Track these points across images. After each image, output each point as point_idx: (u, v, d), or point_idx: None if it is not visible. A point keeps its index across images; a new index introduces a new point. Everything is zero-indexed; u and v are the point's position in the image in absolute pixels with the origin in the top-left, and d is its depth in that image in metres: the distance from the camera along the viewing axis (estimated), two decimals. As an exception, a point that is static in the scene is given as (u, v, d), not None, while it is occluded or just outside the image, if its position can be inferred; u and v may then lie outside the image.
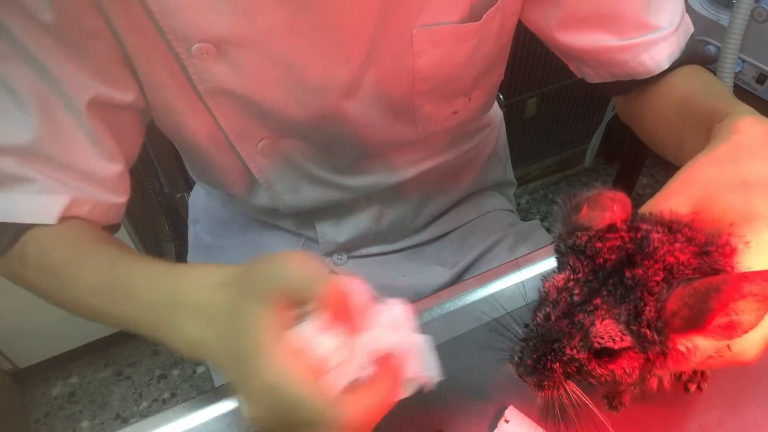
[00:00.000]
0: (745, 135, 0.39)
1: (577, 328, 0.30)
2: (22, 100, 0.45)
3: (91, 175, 0.50)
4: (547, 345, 0.31)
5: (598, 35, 0.55)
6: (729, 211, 0.35)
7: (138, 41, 0.48)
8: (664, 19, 0.54)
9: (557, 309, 0.31)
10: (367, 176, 0.68)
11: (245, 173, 0.64)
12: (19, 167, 0.47)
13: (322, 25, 0.49)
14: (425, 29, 0.52)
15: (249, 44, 0.48)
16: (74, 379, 1.57)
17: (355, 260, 0.77)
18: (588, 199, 0.34)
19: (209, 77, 0.51)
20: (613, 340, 0.30)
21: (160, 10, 0.45)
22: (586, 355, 0.31)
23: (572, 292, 0.31)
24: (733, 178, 0.36)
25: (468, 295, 0.54)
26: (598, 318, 0.30)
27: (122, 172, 0.53)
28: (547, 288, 0.33)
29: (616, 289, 0.30)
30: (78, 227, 0.49)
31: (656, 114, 0.57)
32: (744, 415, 0.44)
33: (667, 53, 0.54)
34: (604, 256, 0.31)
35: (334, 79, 0.54)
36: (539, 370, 0.32)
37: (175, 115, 0.55)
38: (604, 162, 2.05)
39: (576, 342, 0.31)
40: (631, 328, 0.30)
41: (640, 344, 0.30)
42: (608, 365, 0.31)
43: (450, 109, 0.63)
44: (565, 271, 0.32)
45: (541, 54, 1.53)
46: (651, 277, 0.30)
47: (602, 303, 0.30)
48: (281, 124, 0.58)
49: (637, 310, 0.30)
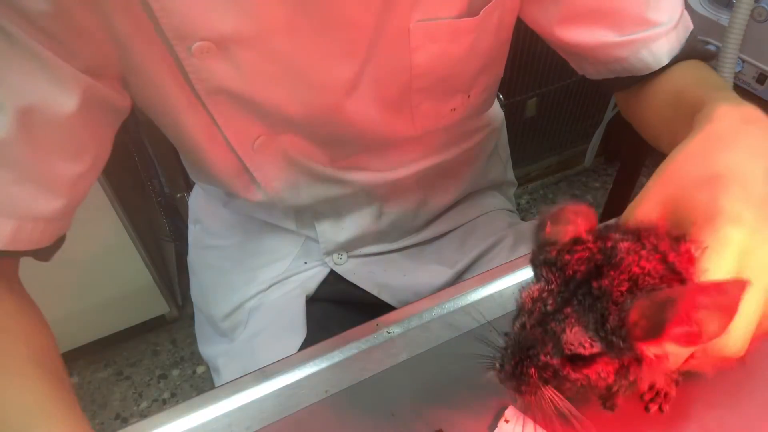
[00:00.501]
0: (718, 124, 0.38)
1: (550, 335, 0.32)
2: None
3: (49, 184, 0.47)
4: (523, 351, 0.33)
5: (597, 31, 0.55)
6: (695, 210, 0.34)
7: (137, 40, 0.48)
8: (664, 15, 0.54)
9: (532, 318, 0.34)
10: (366, 172, 0.68)
11: (243, 171, 0.64)
12: None
13: (324, 22, 0.49)
14: (422, 24, 0.52)
15: (250, 42, 0.48)
16: (74, 379, 1.57)
17: (355, 259, 0.77)
18: (550, 215, 0.35)
19: (208, 76, 0.50)
20: (582, 347, 0.32)
21: (162, 8, 0.45)
22: (560, 361, 0.33)
23: (546, 302, 0.33)
24: (702, 172, 0.36)
25: (468, 295, 0.54)
26: (568, 326, 0.32)
27: (85, 174, 0.50)
28: (524, 298, 0.35)
29: (585, 299, 0.32)
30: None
31: (653, 109, 0.57)
32: (744, 415, 0.44)
33: (666, 49, 0.54)
34: (574, 268, 0.33)
35: (335, 77, 0.53)
36: (517, 375, 0.34)
37: (172, 114, 0.55)
38: (604, 162, 2.05)
39: (549, 349, 0.33)
40: (599, 335, 0.31)
41: (610, 351, 0.32)
42: (582, 370, 0.33)
43: (448, 107, 0.63)
44: (540, 283, 0.34)
45: (541, 54, 1.53)
46: (616, 287, 0.32)
47: (572, 312, 0.32)
48: (279, 121, 0.58)
49: (603, 318, 0.31)
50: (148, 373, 1.58)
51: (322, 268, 0.76)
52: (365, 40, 0.51)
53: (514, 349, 0.34)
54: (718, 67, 0.95)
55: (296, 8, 0.47)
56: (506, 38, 0.61)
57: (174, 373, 1.58)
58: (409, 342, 0.51)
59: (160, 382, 1.56)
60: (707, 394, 0.44)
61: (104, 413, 1.50)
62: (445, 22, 0.52)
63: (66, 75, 0.45)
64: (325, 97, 0.55)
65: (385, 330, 0.52)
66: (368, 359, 0.49)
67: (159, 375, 1.57)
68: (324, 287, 0.76)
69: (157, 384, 1.56)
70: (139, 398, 1.52)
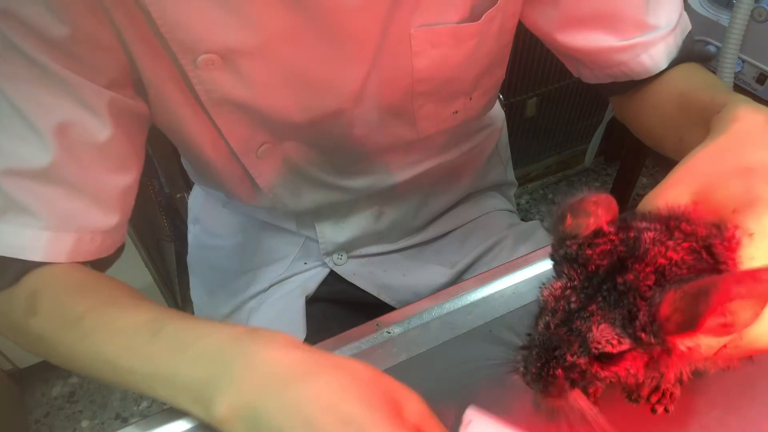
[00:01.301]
0: (744, 123, 0.38)
1: (575, 334, 0.31)
2: (34, 121, 0.45)
3: (101, 197, 0.50)
4: (549, 353, 0.32)
5: (597, 35, 0.55)
6: (731, 198, 0.34)
7: (143, 52, 0.49)
8: (663, 18, 0.54)
9: (556, 317, 0.32)
10: (368, 177, 0.68)
11: (246, 178, 0.64)
12: (29, 195, 0.46)
13: (328, 32, 0.49)
14: (423, 29, 0.52)
15: (255, 53, 0.48)
16: (74, 379, 1.57)
17: (354, 259, 0.77)
18: (571, 207, 0.34)
19: (214, 87, 0.51)
20: (611, 344, 0.30)
21: (166, 23, 0.45)
22: (587, 360, 0.31)
23: (569, 299, 0.32)
24: (734, 165, 0.36)
25: (468, 295, 0.54)
26: (594, 324, 0.31)
27: (132, 184, 0.53)
28: (546, 297, 0.33)
29: (611, 295, 0.31)
30: (90, 272, 0.49)
31: (654, 111, 0.57)
32: (744, 415, 0.43)
33: (665, 53, 0.54)
34: (596, 263, 0.32)
35: (340, 85, 0.53)
36: (543, 377, 0.32)
37: (176, 122, 0.56)
38: (604, 162, 2.05)
39: (575, 348, 0.31)
40: (627, 331, 0.30)
41: (640, 346, 0.30)
42: (611, 367, 0.31)
43: (450, 110, 0.63)
44: (561, 280, 0.33)
45: (541, 54, 1.53)
46: (642, 281, 0.30)
47: (597, 309, 0.31)
48: (283, 129, 0.58)
49: (630, 314, 0.30)
50: (148, 373, 1.58)
51: (322, 269, 0.76)
52: (370, 48, 0.51)
53: (539, 351, 0.32)
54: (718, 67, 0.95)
55: (300, 19, 0.47)
56: (508, 41, 0.61)
57: (174, 373, 1.57)
58: (409, 342, 0.51)
59: (160, 382, 1.56)
60: (707, 394, 0.44)
61: (104, 413, 1.50)
62: (446, 27, 0.52)
63: (91, 93, 0.47)
64: (330, 104, 0.55)
65: (385, 330, 0.52)
66: (368, 359, 0.49)
67: (159, 375, 1.57)
68: (324, 287, 0.76)
69: (157, 384, 1.55)
70: (139, 398, 1.52)
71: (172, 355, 0.40)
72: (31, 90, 0.45)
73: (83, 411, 1.51)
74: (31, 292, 0.46)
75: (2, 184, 0.45)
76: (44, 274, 0.47)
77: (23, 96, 0.45)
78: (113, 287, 0.48)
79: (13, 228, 0.46)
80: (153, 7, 0.44)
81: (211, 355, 0.39)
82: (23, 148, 0.45)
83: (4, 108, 0.45)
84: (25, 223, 0.46)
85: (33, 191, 0.46)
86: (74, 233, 0.48)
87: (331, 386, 0.35)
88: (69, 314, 0.44)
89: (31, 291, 0.46)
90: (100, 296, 0.46)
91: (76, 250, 0.48)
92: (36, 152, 0.45)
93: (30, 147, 0.45)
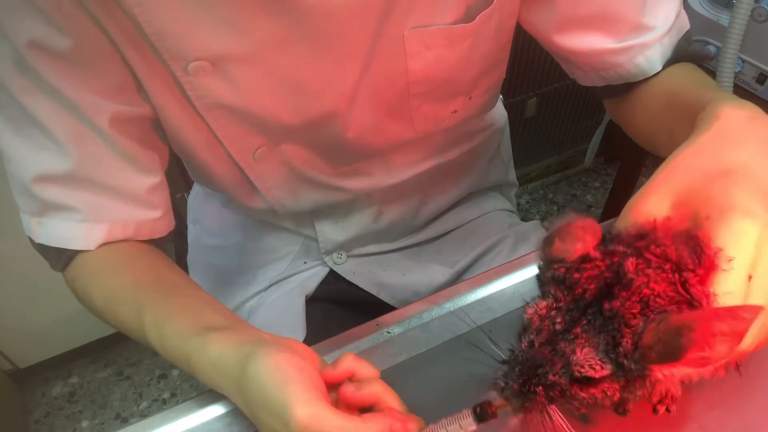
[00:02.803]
0: (726, 121, 0.38)
1: (559, 355, 0.32)
2: (52, 131, 0.49)
3: (128, 193, 0.54)
4: (531, 370, 0.33)
5: (594, 37, 0.54)
6: (708, 202, 0.34)
7: (137, 59, 0.49)
8: (660, 19, 0.54)
9: (540, 336, 0.33)
10: (367, 177, 0.68)
11: (243, 180, 0.64)
12: (61, 196, 0.51)
13: (318, 37, 0.48)
14: (417, 30, 0.51)
15: (245, 60, 0.48)
16: (74, 379, 1.57)
17: (354, 259, 0.77)
18: (558, 231, 0.35)
19: (206, 93, 0.51)
20: (593, 369, 0.31)
21: (155, 32, 0.45)
22: (568, 381, 0.32)
23: (554, 320, 0.33)
24: (714, 167, 0.36)
25: (468, 295, 0.54)
26: (578, 346, 0.32)
27: (159, 183, 0.57)
28: (531, 315, 0.34)
29: (596, 319, 0.32)
30: (129, 250, 0.55)
31: (646, 112, 0.57)
32: (744, 415, 0.43)
33: (660, 54, 0.54)
34: (583, 287, 0.33)
35: (332, 88, 0.53)
36: (524, 393, 0.33)
37: (173, 127, 0.56)
38: (604, 162, 2.05)
39: (558, 369, 0.32)
40: (609, 356, 0.31)
41: (620, 372, 0.31)
42: (589, 389, 0.32)
43: (449, 109, 0.63)
44: (547, 300, 0.34)
45: (541, 54, 1.53)
46: (628, 309, 0.31)
47: (582, 332, 0.32)
48: (278, 132, 0.58)
49: (615, 340, 0.31)
50: (148, 373, 1.58)
51: (322, 268, 0.76)
52: (362, 51, 0.51)
53: (521, 368, 0.33)
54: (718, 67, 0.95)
55: (289, 24, 0.47)
56: (507, 41, 0.61)
57: (174, 373, 1.58)
58: (409, 342, 0.51)
59: (160, 381, 1.56)
60: (707, 394, 0.44)
61: (104, 413, 1.50)
62: (439, 28, 0.52)
63: (93, 109, 0.49)
64: (324, 107, 0.55)
65: (385, 330, 0.52)
66: (368, 359, 0.49)
67: (159, 375, 1.57)
68: (323, 287, 0.76)
69: (157, 384, 1.56)
70: (139, 398, 1.53)
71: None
72: (44, 103, 0.47)
73: (83, 411, 1.51)
74: (77, 271, 0.54)
75: (35, 191, 0.50)
76: (86, 257, 0.53)
77: (40, 108, 0.48)
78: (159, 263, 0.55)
79: (54, 222, 0.52)
80: (141, 17, 0.44)
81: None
82: (46, 156, 0.49)
83: (25, 119, 0.48)
84: (64, 218, 0.52)
85: (63, 193, 0.51)
86: (106, 223, 0.53)
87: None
88: (105, 291, 0.52)
89: (76, 274, 0.54)
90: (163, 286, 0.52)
91: (109, 236, 0.53)
92: (57, 159, 0.49)
93: (52, 154, 0.49)
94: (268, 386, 0.37)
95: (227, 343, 0.42)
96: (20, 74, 0.46)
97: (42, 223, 0.52)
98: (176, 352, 0.44)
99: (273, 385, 0.36)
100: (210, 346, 0.42)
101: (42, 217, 0.52)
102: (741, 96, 0.44)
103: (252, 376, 0.38)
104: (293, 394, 0.35)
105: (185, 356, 0.44)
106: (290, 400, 0.35)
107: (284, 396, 0.35)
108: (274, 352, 0.38)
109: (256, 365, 0.38)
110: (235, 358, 0.40)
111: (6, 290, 1.31)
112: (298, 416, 0.34)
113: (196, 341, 0.43)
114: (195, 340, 0.43)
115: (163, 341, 0.45)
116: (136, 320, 0.48)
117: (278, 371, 0.37)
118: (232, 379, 0.40)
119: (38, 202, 0.51)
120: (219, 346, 0.42)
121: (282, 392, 0.36)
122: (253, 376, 0.38)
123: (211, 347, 0.42)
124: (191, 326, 0.45)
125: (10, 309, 1.34)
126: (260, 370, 0.38)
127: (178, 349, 0.44)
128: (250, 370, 0.38)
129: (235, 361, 0.40)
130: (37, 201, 0.51)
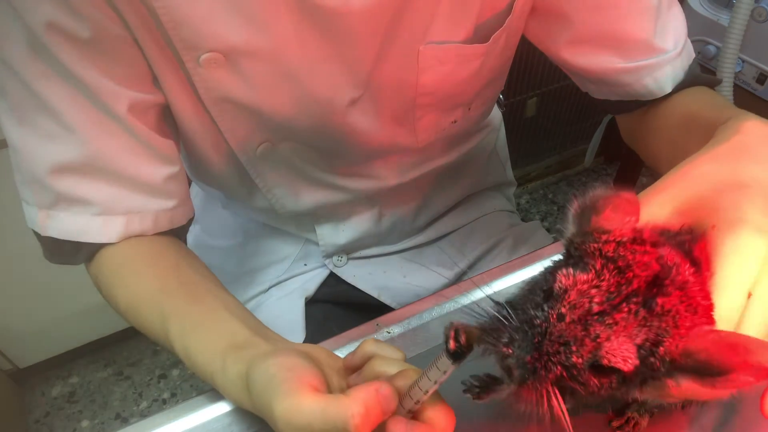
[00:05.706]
0: (747, 136, 0.38)
1: (591, 338, 0.29)
2: (66, 119, 0.47)
3: (144, 183, 0.52)
4: (553, 345, 0.29)
5: (604, 56, 0.55)
6: (715, 213, 0.33)
7: (147, 46, 0.49)
8: (670, 41, 0.54)
9: (574, 312, 0.29)
10: (367, 179, 0.68)
11: (245, 177, 0.64)
12: (76, 187, 0.49)
13: (332, 38, 0.49)
14: (431, 46, 0.52)
15: (259, 54, 0.48)
16: (74, 379, 1.57)
17: (355, 261, 0.77)
18: (610, 200, 0.31)
19: (215, 85, 0.51)
20: (624, 361, 0.29)
21: (172, 20, 0.45)
22: (587, 366, 0.29)
23: (593, 299, 0.29)
24: (727, 177, 0.35)
25: (468, 295, 0.54)
26: (615, 335, 0.28)
27: (178, 172, 0.55)
28: (565, 286, 0.30)
29: (639, 311, 0.29)
30: (150, 248, 0.53)
31: (661, 134, 0.57)
32: (744, 415, 0.44)
33: (671, 76, 0.54)
34: (635, 272, 0.29)
35: (340, 91, 0.54)
36: (538, 369, 0.29)
37: (177, 117, 0.55)
38: (604, 162, 2.06)
39: (585, 351, 0.29)
40: (641, 352, 0.29)
41: (644, 370, 0.29)
42: (601, 378, 0.30)
43: (449, 119, 0.63)
44: (586, 273, 0.30)
45: (542, 54, 1.52)
46: (683, 312, 0.29)
47: (621, 320, 0.29)
48: (282, 130, 0.58)
49: (657, 338, 0.28)
50: (148, 373, 1.58)
51: (322, 270, 0.76)
52: (371, 57, 0.51)
53: (542, 340, 0.29)
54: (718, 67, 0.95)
55: (305, 23, 0.47)
56: (511, 55, 0.62)
57: (174, 373, 1.58)
58: (409, 342, 0.51)
59: (160, 381, 1.56)
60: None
61: (104, 413, 1.50)
62: (453, 46, 0.52)
63: (111, 95, 0.48)
64: (330, 109, 0.55)
65: (385, 330, 0.52)
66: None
67: (159, 375, 1.57)
68: (324, 289, 0.76)
69: (157, 384, 1.56)
70: (139, 398, 1.53)
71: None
72: (60, 88, 0.46)
73: (83, 411, 1.51)
74: (100, 272, 0.52)
75: (49, 182, 0.48)
76: (109, 250, 0.52)
77: (55, 94, 0.46)
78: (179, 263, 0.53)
79: (67, 215, 0.50)
80: (159, 4, 0.44)
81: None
82: (59, 146, 0.47)
83: (36, 107, 0.46)
84: (78, 211, 0.50)
85: (78, 183, 0.49)
86: (122, 215, 0.51)
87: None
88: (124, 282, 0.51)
89: (98, 272, 0.53)
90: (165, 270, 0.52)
91: (126, 231, 0.52)
92: (71, 148, 0.48)
93: (65, 144, 0.47)
94: (259, 392, 0.37)
95: (244, 364, 0.41)
96: (35, 58, 0.44)
97: (52, 215, 0.50)
98: (202, 369, 0.44)
99: (261, 389, 0.36)
100: (231, 369, 0.41)
101: (52, 210, 0.50)
102: (741, 96, 0.44)
103: (250, 388, 0.38)
104: (274, 391, 0.35)
105: (210, 375, 0.43)
106: (271, 399, 0.35)
107: (267, 396, 0.35)
108: (267, 359, 0.38)
109: (251, 377, 0.38)
110: (247, 377, 0.40)
111: (6, 290, 1.31)
112: (278, 412, 0.34)
113: (219, 363, 0.42)
114: (218, 360, 0.42)
115: (189, 355, 0.45)
116: (161, 329, 0.47)
117: (265, 375, 0.37)
118: (248, 397, 0.40)
119: (52, 194, 0.49)
120: (238, 368, 0.41)
121: (266, 394, 0.36)
122: (251, 388, 0.38)
123: (231, 369, 0.41)
124: (215, 341, 0.44)
125: (10, 309, 1.34)
126: (253, 379, 0.38)
127: (203, 366, 0.44)
128: (249, 383, 0.38)
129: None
130: (50, 193, 0.49)
